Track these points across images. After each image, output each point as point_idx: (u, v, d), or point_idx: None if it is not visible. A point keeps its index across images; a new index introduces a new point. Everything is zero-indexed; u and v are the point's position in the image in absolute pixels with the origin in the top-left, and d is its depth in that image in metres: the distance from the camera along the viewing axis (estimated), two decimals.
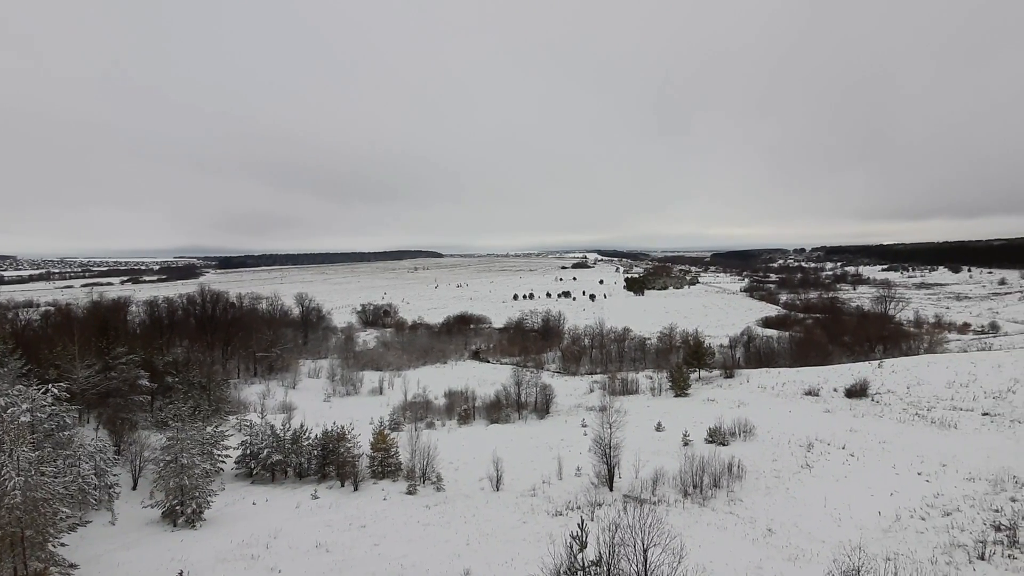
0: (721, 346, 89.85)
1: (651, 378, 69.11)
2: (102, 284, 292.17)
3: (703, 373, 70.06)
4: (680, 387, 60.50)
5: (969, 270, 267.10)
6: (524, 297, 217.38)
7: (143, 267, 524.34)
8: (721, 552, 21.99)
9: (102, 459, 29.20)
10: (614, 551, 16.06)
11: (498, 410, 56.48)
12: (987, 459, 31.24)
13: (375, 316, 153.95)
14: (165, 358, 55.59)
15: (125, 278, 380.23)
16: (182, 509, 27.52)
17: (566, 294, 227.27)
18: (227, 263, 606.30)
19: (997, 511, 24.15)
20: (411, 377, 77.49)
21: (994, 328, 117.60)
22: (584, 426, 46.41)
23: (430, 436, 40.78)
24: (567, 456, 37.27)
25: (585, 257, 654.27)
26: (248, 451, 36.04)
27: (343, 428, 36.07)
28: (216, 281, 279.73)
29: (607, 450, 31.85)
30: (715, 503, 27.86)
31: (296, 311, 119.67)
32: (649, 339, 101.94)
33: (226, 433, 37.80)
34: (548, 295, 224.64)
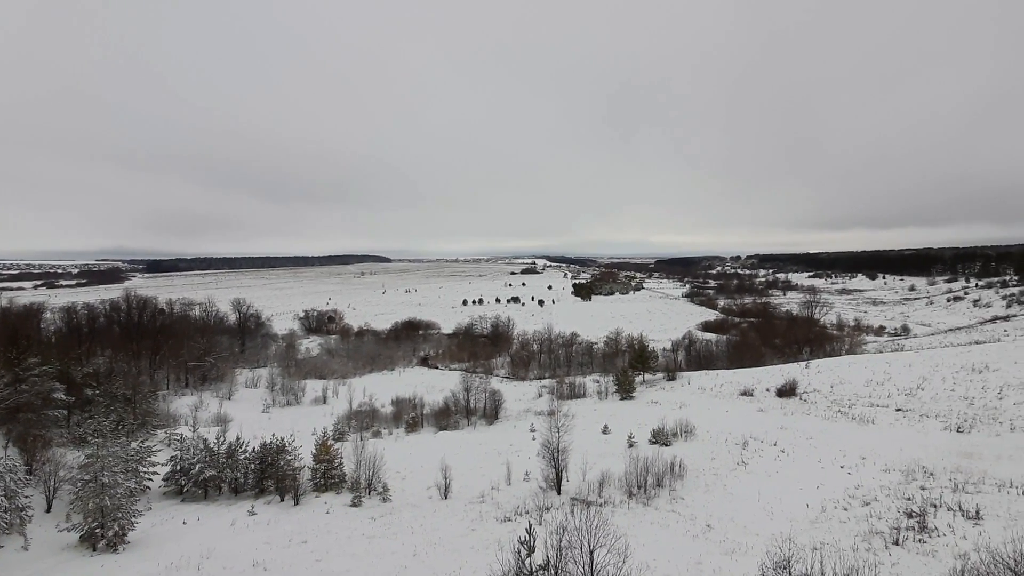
0: (664, 350, 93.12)
1: (598, 382, 70.63)
2: (12, 289, 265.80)
3: (647, 376, 72.32)
4: (626, 390, 62.17)
5: (884, 277, 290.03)
6: (474, 303, 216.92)
7: (60, 271, 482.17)
8: (664, 549, 22.69)
9: (12, 479, 26.54)
10: (561, 554, 16.24)
11: (447, 417, 55.95)
12: (900, 451, 33.96)
13: (319, 322, 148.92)
14: (84, 369, 51.39)
15: (39, 282, 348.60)
16: (103, 532, 25.43)
17: (515, 299, 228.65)
18: (156, 267, 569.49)
19: (909, 499, 26.25)
20: (357, 385, 75.43)
21: (905, 330, 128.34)
22: (533, 431, 46.75)
23: (376, 445, 39.80)
24: (516, 461, 37.39)
25: (534, 263, 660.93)
26: (178, 467, 33.85)
27: (283, 440, 34.58)
28: (144, 286, 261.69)
29: (555, 454, 32.21)
30: (658, 502, 28.74)
31: (233, 318, 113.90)
32: (596, 344, 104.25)
33: (154, 449, 35.36)
34: (498, 300, 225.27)
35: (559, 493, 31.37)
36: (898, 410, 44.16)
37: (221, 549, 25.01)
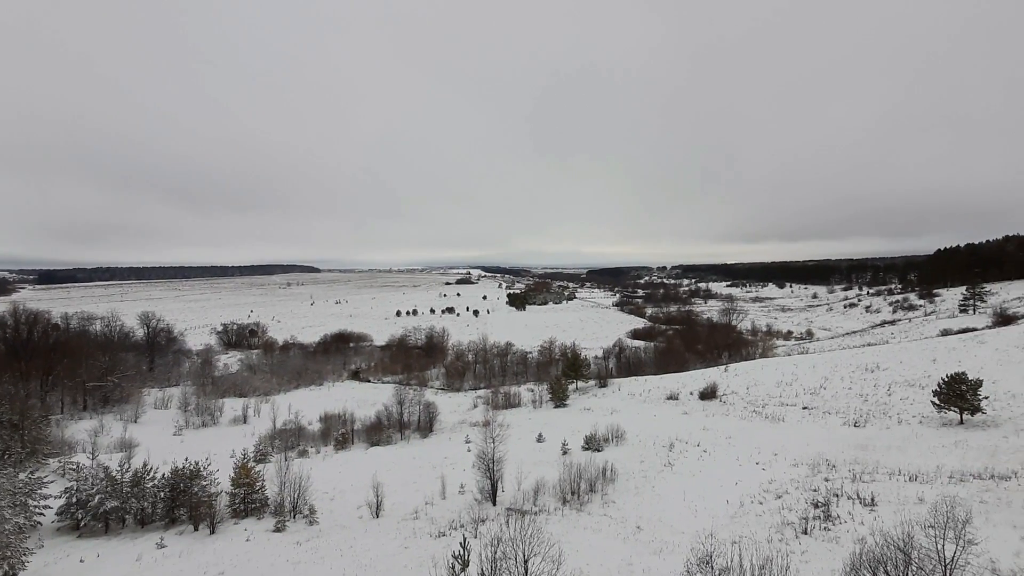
0: (596, 357, 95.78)
1: (532, 391, 71.35)
2: None
3: (580, 384, 73.98)
4: (559, 398, 63.23)
5: (791, 286, 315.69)
6: (408, 313, 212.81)
7: None
8: (596, 553, 23.17)
9: None
10: (496, 566, 16.19)
11: (379, 432, 54.27)
12: (807, 446, 36.88)
13: (239, 337, 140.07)
14: None
15: None
16: None
17: (450, 310, 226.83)
18: (50, 277, 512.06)
19: (815, 491, 28.50)
20: (281, 402, 71.50)
21: (809, 334, 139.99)
22: (468, 442, 46.37)
23: (302, 465, 37.84)
24: (451, 474, 36.90)
25: (469, 273, 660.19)
26: (74, 499, 30.37)
27: (197, 464, 32.06)
28: (35, 298, 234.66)
29: (490, 465, 32.12)
30: (591, 507, 29.36)
31: (140, 333, 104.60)
32: (531, 353, 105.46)
33: (45, 480, 31.55)
34: (432, 311, 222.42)
35: (494, 504, 31.25)
36: (804, 408, 47.97)
37: None
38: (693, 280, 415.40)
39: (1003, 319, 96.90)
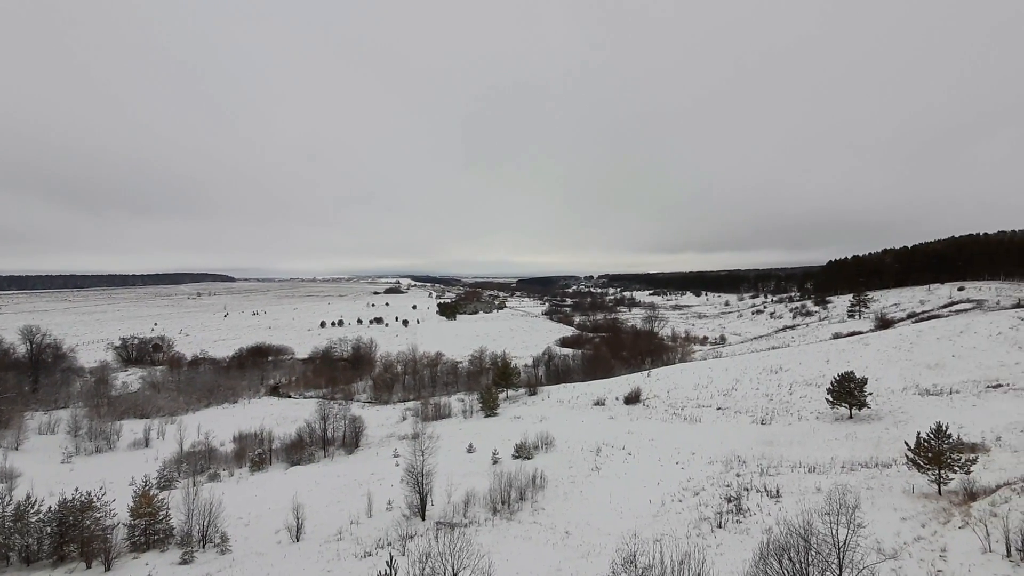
0: (526, 366, 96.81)
1: (463, 400, 70.80)
2: None
3: (511, 392, 74.39)
4: (490, 407, 63.19)
5: (706, 294, 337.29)
6: (333, 324, 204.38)
7: None
8: (526, 561, 23.28)
9: None
10: None
11: (300, 450, 51.45)
12: (720, 444, 39.34)
13: (141, 352, 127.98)
14: None
15: None
16: None
17: (379, 320, 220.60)
18: None
19: (728, 486, 30.43)
20: (189, 423, 65.97)
21: (723, 339, 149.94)
22: (396, 456, 45.16)
23: (214, 490, 35.05)
24: (378, 490, 35.72)
25: (398, 282, 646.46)
26: None
27: (90, 494, 28.79)
28: None
29: (419, 478, 31.41)
30: (521, 515, 29.49)
31: (22, 349, 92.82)
32: (461, 363, 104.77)
33: None
34: (359, 321, 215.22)
35: (423, 519, 30.58)
36: (719, 409, 51.17)
37: None
38: (619, 289, 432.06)
39: (883, 323, 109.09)
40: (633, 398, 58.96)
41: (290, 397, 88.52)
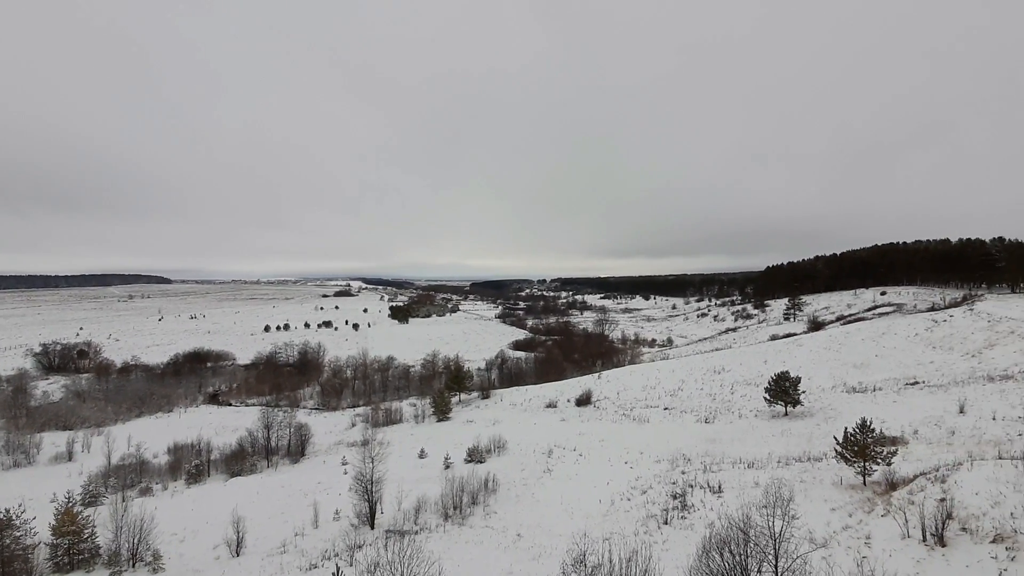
0: (479, 369, 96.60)
1: (415, 405, 69.80)
2: None
3: (464, 396, 73.98)
4: (442, 411, 62.58)
5: (654, 298, 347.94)
6: (278, 328, 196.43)
7: None
8: (477, 566, 23.17)
9: None
10: None
11: (241, 460, 49.12)
12: (667, 443, 40.61)
13: (65, 359, 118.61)
14: None
15: None
16: None
17: (327, 324, 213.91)
18: None
19: (674, 483, 31.43)
20: (119, 434, 61.66)
21: (670, 342, 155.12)
22: (345, 464, 43.91)
23: (145, 505, 32.86)
24: (325, 500, 34.61)
25: (349, 285, 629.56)
26: None
27: (8, 511, 26.41)
28: None
29: (368, 486, 30.66)
30: (473, 520, 29.33)
31: None
32: (413, 367, 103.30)
33: None
34: (307, 325, 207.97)
35: (372, 527, 29.86)
36: (666, 409, 52.84)
37: None
38: (571, 292, 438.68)
39: (815, 325, 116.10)
40: (584, 400, 59.94)
41: (231, 405, 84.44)
